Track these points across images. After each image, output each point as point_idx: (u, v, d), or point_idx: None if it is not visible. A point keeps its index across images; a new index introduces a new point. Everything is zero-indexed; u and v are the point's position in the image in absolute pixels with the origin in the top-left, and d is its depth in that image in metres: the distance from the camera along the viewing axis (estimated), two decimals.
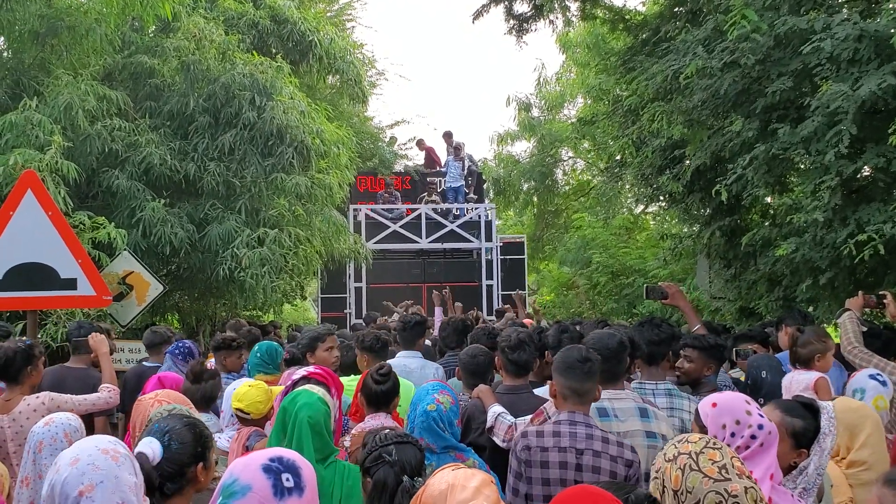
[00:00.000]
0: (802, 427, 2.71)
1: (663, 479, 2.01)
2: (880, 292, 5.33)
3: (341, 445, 3.44)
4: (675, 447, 2.05)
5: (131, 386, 5.60)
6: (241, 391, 3.96)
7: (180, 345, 5.71)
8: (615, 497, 1.84)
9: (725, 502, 1.88)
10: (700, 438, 2.04)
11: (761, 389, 4.75)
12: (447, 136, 17.94)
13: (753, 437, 2.43)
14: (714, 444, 2.02)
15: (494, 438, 3.73)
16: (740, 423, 2.47)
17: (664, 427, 3.42)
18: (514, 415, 3.80)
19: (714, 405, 2.53)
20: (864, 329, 4.82)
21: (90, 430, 4.99)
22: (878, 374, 4.11)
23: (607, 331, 3.86)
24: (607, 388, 3.45)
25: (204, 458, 2.38)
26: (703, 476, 1.92)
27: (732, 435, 2.48)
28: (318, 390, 3.10)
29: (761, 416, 2.49)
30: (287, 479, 1.92)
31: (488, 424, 3.79)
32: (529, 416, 3.70)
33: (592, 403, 3.25)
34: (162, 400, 3.36)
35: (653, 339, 4.00)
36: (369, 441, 2.62)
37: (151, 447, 2.29)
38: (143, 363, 6.06)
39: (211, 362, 5.13)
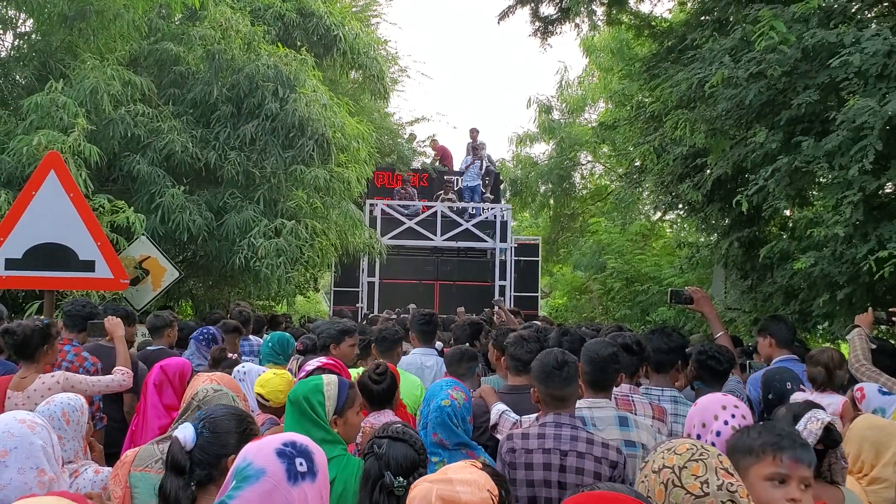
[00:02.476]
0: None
1: (647, 489, 2.01)
2: (890, 309, 5.29)
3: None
4: (662, 458, 2.03)
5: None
6: (266, 377, 4.04)
7: (204, 331, 5.77)
8: (630, 496, 1.82)
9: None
10: (687, 449, 2.02)
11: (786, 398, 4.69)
12: (473, 131, 18.12)
13: (712, 444, 2.42)
14: (700, 454, 2.00)
15: (498, 436, 3.73)
16: (705, 426, 2.59)
17: (644, 436, 3.41)
18: (518, 413, 3.81)
19: (696, 404, 2.64)
20: (874, 346, 4.78)
21: (119, 406, 5.06)
22: (881, 388, 4.10)
23: (604, 340, 3.86)
24: (590, 395, 3.45)
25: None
26: (684, 492, 1.92)
27: (698, 437, 2.59)
28: (328, 378, 3.09)
29: (726, 423, 2.54)
30: (301, 464, 1.92)
31: (492, 422, 3.79)
32: (536, 415, 3.71)
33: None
34: (215, 380, 3.37)
35: (661, 348, 4.06)
36: (374, 433, 2.63)
37: (185, 433, 2.29)
38: (147, 347, 6.09)
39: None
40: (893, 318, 5.17)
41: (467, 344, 5.51)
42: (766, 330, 5.32)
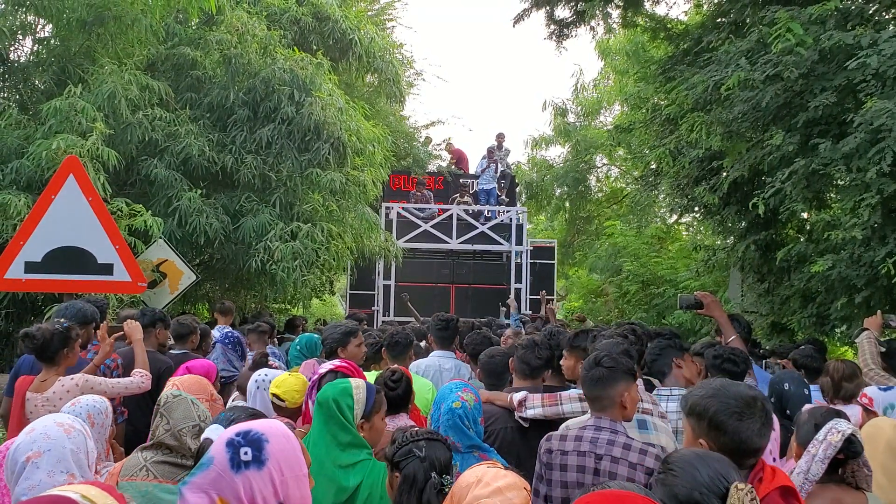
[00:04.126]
0: None
1: None
2: None
3: None
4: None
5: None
6: (281, 378, 4.04)
7: (229, 335, 5.81)
8: (640, 494, 1.83)
9: None
10: None
11: (789, 401, 4.68)
12: (500, 136, 18.42)
13: None
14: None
15: (528, 411, 3.77)
16: None
17: (664, 439, 3.40)
18: None
19: None
20: (883, 349, 4.76)
21: (147, 411, 5.07)
22: (880, 386, 4.10)
23: (614, 340, 3.85)
24: None
25: None
26: None
27: None
28: (353, 382, 3.09)
29: None
30: (245, 453, 1.96)
31: (517, 400, 3.80)
32: (575, 390, 3.76)
33: None
34: (176, 384, 3.40)
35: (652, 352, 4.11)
36: (398, 437, 2.63)
37: (216, 434, 2.35)
38: (171, 351, 6.10)
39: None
40: None
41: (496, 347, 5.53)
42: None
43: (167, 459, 2.98)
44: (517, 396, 3.84)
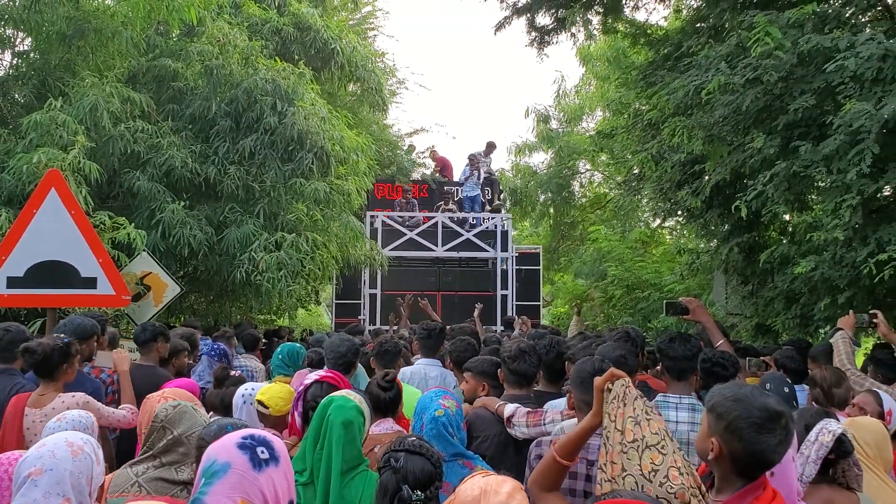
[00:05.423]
0: None
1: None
2: (871, 311, 5.35)
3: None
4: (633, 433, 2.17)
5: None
6: (266, 387, 4.03)
7: (216, 347, 5.72)
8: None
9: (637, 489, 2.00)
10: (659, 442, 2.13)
11: None
12: (491, 145, 18.42)
13: None
14: (661, 448, 2.07)
15: (515, 429, 3.74)
16: None
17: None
18: None
19: None
20: (857, 348, 4.85)
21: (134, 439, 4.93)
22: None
23: (612, 344, 3.85)
24: None
25: None
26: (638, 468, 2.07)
27: None
28: (355, 397, 3.07)
29: None
30: (262, 452, 2.01)
31: (507, 415, 3.79)
32: (562, 406, 3.74)
33: None
34: (168, 397, 3.39)
35: (685, 355, 3.94)
36: (392, 444, 2.64)
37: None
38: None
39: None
40: (874, 321, 5.24)
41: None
42: None
43: (162, 475, 2.95)
44: (507, 412, 3.82)
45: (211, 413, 4.60)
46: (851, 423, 3.61)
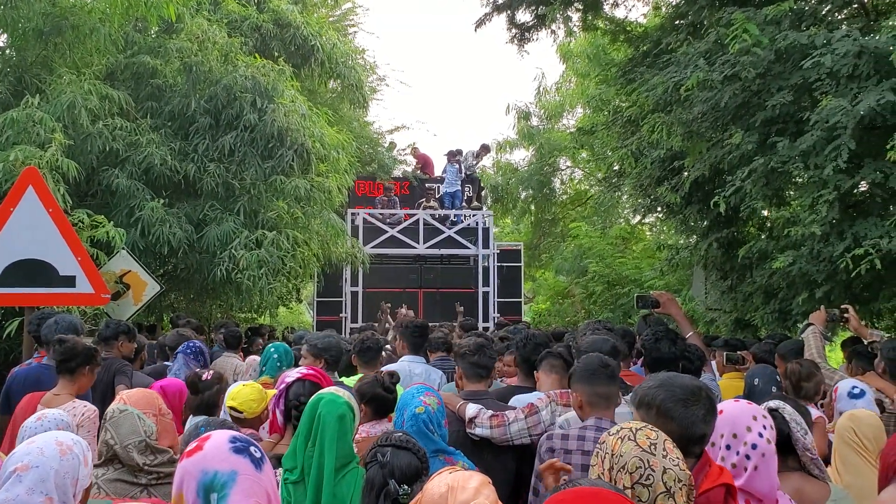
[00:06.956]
0: None
1: (604, 449, 2.11)
2: (842, 306, 5.45)
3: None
4: (623, 426, 2.16)
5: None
6: (235, 390, 3.95)
7: (191, 344, 5.65)
8: (612, 491, 1.86)
9: (643, 469, 2.00)
10: (645, 424, 2.17)
11: (759, 397, 4.78)
12: (485, 148, 18.62)
13: (747, 456, 2.43)
14: (653, 428, 2.13)
15: (477, 430, 3.73)
16: (737, 437, 2.48)
17: None
18: None
19: (721, 412, 2.51)
20: (829, 342, 4.95)
21: None
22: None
23: (602, 336, 3.87)
24: None
25: None
26: (634, 444, 2.05)
27: (728, 447, 2.48)
28: (344, 394, 3.06)
29: (760, 435, 2.46)
30: (255, 451, 2.03)
31: (468, 416, 3.79)
32: (524, 405, 3.76)
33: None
34: (123, 398, 3.35)
35: (670, 357, 4.07)
36: (379, 439, 2.65)
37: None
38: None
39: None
40: (845, 315, 5.34)
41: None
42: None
43: (122, 477, 2.93)
44: (469, 412, 3.80)
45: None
46: (851, 416, 3.69)
